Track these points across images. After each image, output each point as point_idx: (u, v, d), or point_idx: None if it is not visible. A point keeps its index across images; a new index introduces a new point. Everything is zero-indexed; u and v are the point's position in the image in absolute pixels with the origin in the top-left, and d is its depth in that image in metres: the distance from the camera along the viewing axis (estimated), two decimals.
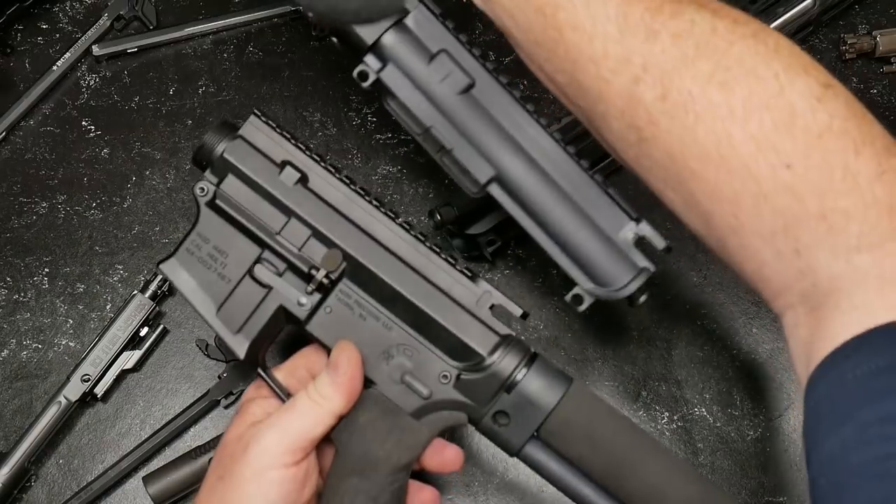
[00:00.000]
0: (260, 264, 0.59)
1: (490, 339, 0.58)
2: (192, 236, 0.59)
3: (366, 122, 0.79)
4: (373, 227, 0.59)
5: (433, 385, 0.58)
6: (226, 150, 0.59)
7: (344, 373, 0.56)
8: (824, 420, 0.45)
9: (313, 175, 0.59)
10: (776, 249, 0.50)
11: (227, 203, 0.59)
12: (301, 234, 0.58)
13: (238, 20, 0.81)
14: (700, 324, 0.75)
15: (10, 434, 0.72)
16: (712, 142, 0.50)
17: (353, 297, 0.59)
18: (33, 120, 0.79)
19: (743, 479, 0.72)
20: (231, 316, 0.59)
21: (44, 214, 0.77)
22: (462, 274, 0.59)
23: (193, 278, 0.59)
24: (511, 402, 0.57)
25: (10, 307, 0.75)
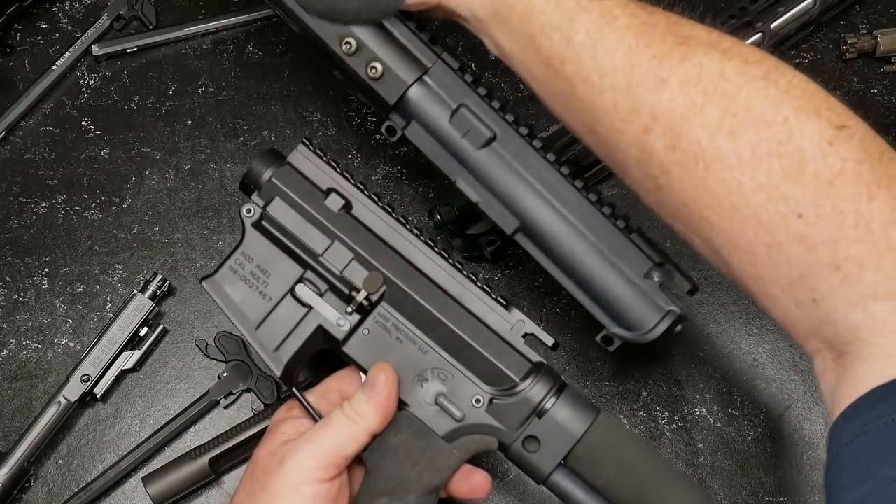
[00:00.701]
0: (302, 284, 0.60)
1: (523, 366, 0.60)
2: (237, 255, 0.61)
3: (366, 122, 0.79)
4: (412, 254, 0.61)
5: (466, 408, 0.59)
6: (274, 174, 0.61)
7: (381, 391, 0.57)
8: (845, 472, 0.45)
9: (357, 203, 0.61)
10: (795, 298, 0.49)
11: (272, 224, 0.60)
12: (344, 256, 0.60)
13: (238, 20, 0.81)
14: (700, 323, 0.75)
15: (9, 434, 0.72)
16: (723, 192, 0.50)
17: (391, 320, 0.60)
18: (33, 120, 0.79)
19: (743, 480, 0.72)
20: (270, 334, 0.60)
21: (43, 214, 0.77)
22: (497, 302, 0.61)
23: (235, 296, 0.60)
24: (541, 427, 0.59)
25: (10, 307, 0.75)
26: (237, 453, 0.70)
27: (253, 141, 0.78)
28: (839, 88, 0.80)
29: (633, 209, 0.77)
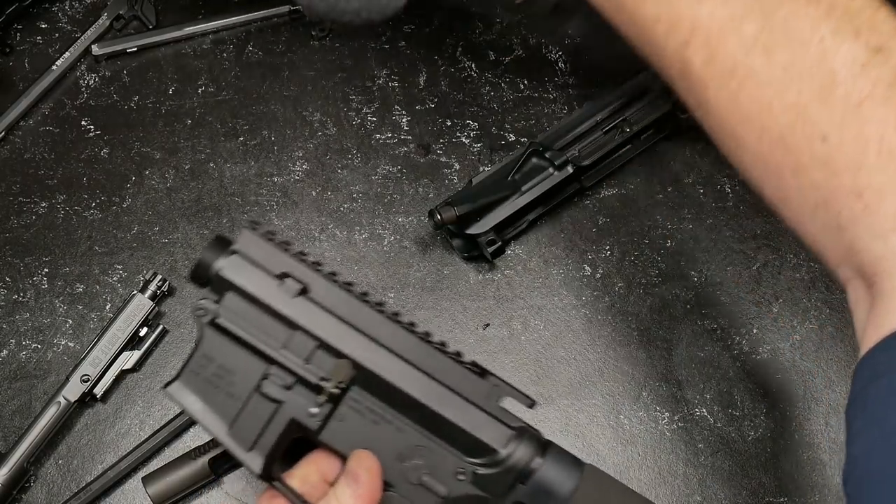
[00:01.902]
0: (268, 380, 0.58)
1: (503, 433, 0.57)
2: (196, 357, 0.58)
3: (366, 122, 0.79)
4: (378, 332, 0.58)
5: (450, 483, 0.58)
6: (223, 268, 0.58)
7: (364, 484, 0.55)
8: (860, 415, 0.45)
9: (314, 284, 0.58)
10: (821, 224, 0.49)
11: (229, 321, 0.58)
12: (307, 346, 0.58)
13: (238, 20, 0.81)
14: (700, 324, 0.75)
15: (9, 434, 0.72)
16: (755, 110, 0.49)
17: (365, 403, 0.58)
18: (32, 120, 0.79)
19: (743, 480, 0.72)
20: (243, 433, 0.58)
21: (43, 214, 0.76)
22: (470, 371, 0.58)
23: (201, 399, 0.58)
24: (528, 492, 0.57)
25: (10, 307, 0.74)
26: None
27: (253, 141, 0.78)
28: None
29: (631, 206, 0.77)
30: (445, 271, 0.76)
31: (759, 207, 0.78)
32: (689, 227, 0.77)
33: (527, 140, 0.77)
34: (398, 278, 0.75)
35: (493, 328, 0.75)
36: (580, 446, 0.73)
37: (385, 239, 0.76)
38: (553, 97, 0.80)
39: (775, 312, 0.76)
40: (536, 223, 0.77)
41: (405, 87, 0.80)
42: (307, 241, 0.76)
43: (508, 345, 0.74)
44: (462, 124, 0.79)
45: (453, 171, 0.78)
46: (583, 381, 0.74)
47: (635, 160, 0.78)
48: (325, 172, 0.78)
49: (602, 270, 0.76)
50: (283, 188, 0.77)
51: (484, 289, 0.75)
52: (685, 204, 0.78)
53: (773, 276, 0.76)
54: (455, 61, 0.80)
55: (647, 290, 0.76)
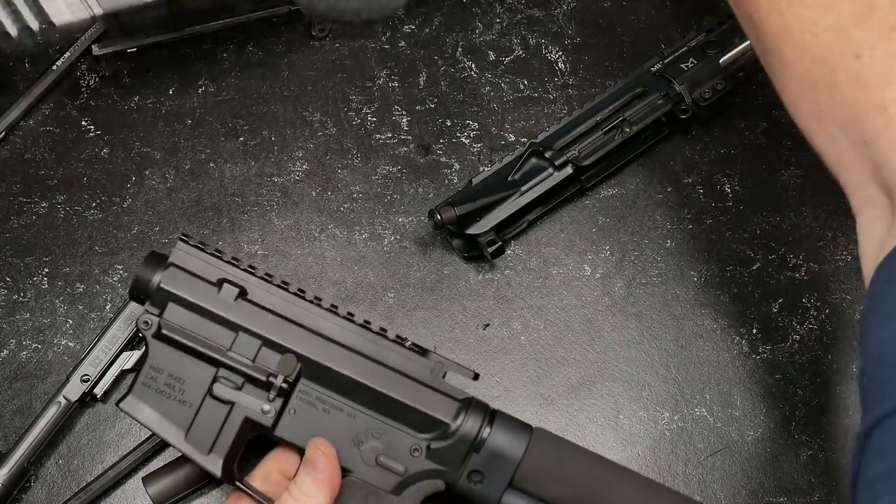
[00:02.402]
0: (218, 383, 0.60)
1: (451, 406, 0.61)
2: (145, 370, 0.60)
3: (366, 122, 0.79)
4: (319, 324, 0.61)
5: (406, 460, 0.60)
6: (161, 280, 0.60)
7: (322, 468, 0.58)
8: (874, 315, 0.48)
9: (251, 287, 0.61)
10: (850, 139, 0.52)
11: (172, 331, 0.60)
12: (252, 345, 0.60)
13: (238, 20, 0.81)
14: (700, 324, 0.75)
15: (9, 434, 0.72)
16: (798, 29, 0.53)
17: (314, 393, 0.61)
18: (33, 120, 0.79)
19: (743, 480, 0.72)
20: (200, 438, 0.60)
21: (43, 214, 0.76)
22: (412, 350, 0.61)
23: (155, 410, 0.60)
24: (482, 460, 0.60)
25: (10, 307, 0.74)
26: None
27: (253, 141, 0.78)
28: None
29: (631, 206, 0.77)
30: (445, 271, 0.76)
31: (759, 207, 0.78)
32: (689, 227, 0.77)
33: (527, 140, 0.77)
34: (398, 278, 0.75)
35: (493, 328, 0.75)
36: None
37: (385, 239, 0.76)
38: (553, 97, 0.80)
39: (775, 312, 0.76)
40: (536, 223, 0.77)
41: (405, 87, 0.80)
42: (307, 241, 0.76)
43: (508, 345, 0.74)
44: (462, 124, 0.79)
45: (453, 171, 0.78)
46: (583, 381, 0.74)
47: (635, 160, 0.78)
48: (325, 172, 0.78)
49: (602, 270, 0.76)
50: (283, 188, 0.77)
51: (484, 289, 0.76)
52: (685, 204, 0.78)
53: (773, 276, 0.76)
54: (455, 61, 0.81)
55: (647, 290, 0.76)
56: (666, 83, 0.76)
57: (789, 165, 0.79)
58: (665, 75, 0.77)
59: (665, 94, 0.76)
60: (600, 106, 0.76)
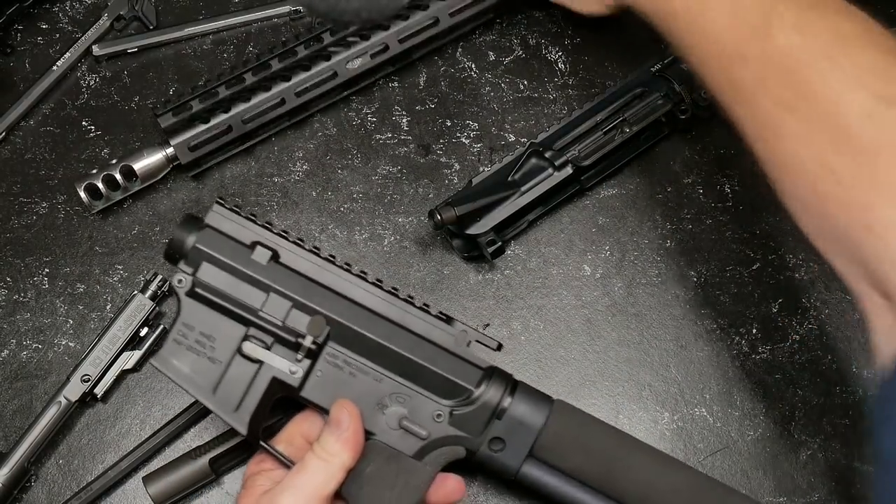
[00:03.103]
0: (248, 341, 0.61)
1: (474, 374, 0.62)
2: (178, 326, 0.61)
3: (366, 122, 0.79)
4: (348, 290, 0.62)
5: (429, 425, 0.61)
6: (196, 240, 0.61)
7: (347, 428, 0.59)
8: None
9: (283, 250, 0.62)
10: (845, 253, 0.54)
11: (206, 289, 0.61)
12: (282, 306, 0.61)
13: (238, 20, 0.81)
14: (700, 324, 0.75)
15: (10, 434, 0.72)
16: (789, 161, 0.56)
17: (341, 357, 0.62)
18: (33, 120, 0.79)
19: (743, 480, 0.72)
20: (227, 396, 0.61)
21: (44, 214, 0.77)
22: (438, 318, 0.62)
23: (185, 366, 0.61)
24: (503, 427, 0.61)
25: (10, 307, 0.75)
26: (237, 453, 0.70)
27: (253, 141, 0.78)
28: None
29: (631, 206, 0.77)
30: (445, 271, 0.76)
31: (759, 207, 0.78)
32: (688, 227, 0.77)
33: (526, 140, 0.77)
34: (398, 278, 0.76)
35: (493, 328, 0.75)
36: None
37: (385, 239, 0.76)
38: (553, 97, 0.80)
39: (775, 312, 0.76)
40: (536, 223, 0.77)
41: (405, 87, 0.80)
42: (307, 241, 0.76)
43: (508, 345, 0.74)
44: (462, 124, 0.79)
45: (453, 171, 0.78)
46: (583, 381, 0.74)
47: (635, 160, 0.78)
48: (325, 173, 0.78)
49: (602, 270, 0.76)
50: (284, 188, 0.77)
51: (484, 289, 0.76)
52: (685, 204, 0.78)
53: (773, 276, 0.76)
54: (455, 61, 0.81)
55: (647, 290, 0.76)
56: (666, 83, 0.76)
57: None
58: (664, 75, 0.76)
59: (665, 95, 0.76)
60: (600, 106, 0.76)
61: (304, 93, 0.74)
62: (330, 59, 0.75)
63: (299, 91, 0.74)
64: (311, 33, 0.76)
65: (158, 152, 0.74)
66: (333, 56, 0.75)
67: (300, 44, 0.75)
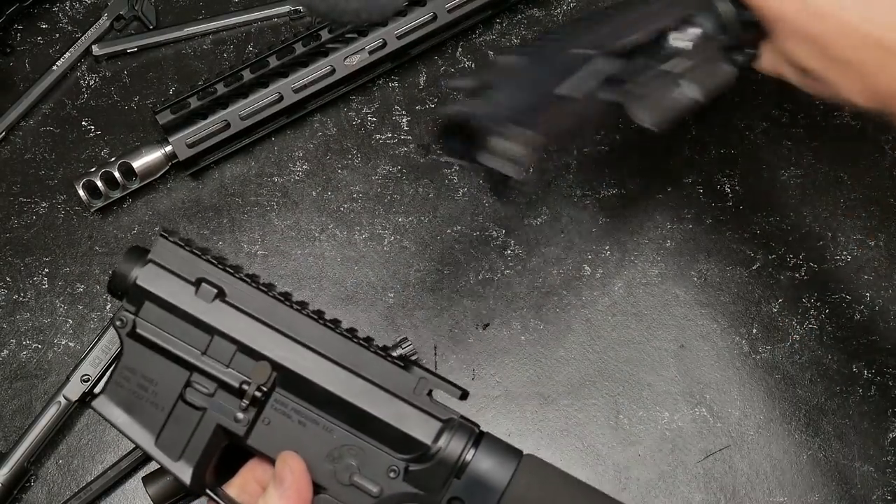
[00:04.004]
0: (190, 387, 0.58)
1: (432, 427, 0.57)
2: (119, 369, 0.58)
3: (366, 122, 0.79)
4: (298, 331, 0.58)
5: (383, 481, 0.57)
6: (138, 277, 0.58)
7: (290, 486, 0.55)
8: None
9: (230, 288, 0.58)
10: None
11: (147, 331, 0.58)
12: (227, 350, 0.58)
13: (238, 20, 0.81)
14: (700, 324, 0.75)
15: (9, 434, 0.72)
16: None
17: (290, 404, 0.58)
18: (33, 120, 0.79)
19: (742, 480, 0.72)
20: (170, 443, 0.58)
21: (44, 214, 0.77)
22: (394, 364, 0.58)
23: (126, 412, 0.58)
24: (463, 486, 0.56)
25: (10, 307, 0.75)
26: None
27: (253, 140, 0.78)
28: None
29: (631, 206, 0.77)
30: (445, 271, 0.76)
31: (759, 207, 0.78)
32: (688, 227, 0.77)
33: None
34: (398, 278, 0.75)
35: (493, 328, 0.75)
36: (580, 446, 0.73)
37: (385, 239, 0.76)
38: None
39: (775, 312, 0.76)
40: (536, 224, 0.77)
41: (405, 87, 0.80)
42: (307, 241, 0.76)
43: (508, 345, 0.74)
44: None
45: (453, 170, 0.78)
46: (583, 381, 0.74)
47: (635, 160, 0.78)
48: (325, 172, 0.78)
49: (602, 270, 0.76)
50: (283, 188, 0.77)
51: (484, 289, 0.76)
52: (685, 204, 0.78)
53: (773, 276, 0.76)
54: (455, 61, 0.80)
55: (647, 290, 0.76)
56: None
57: (789, 165, 0.79)
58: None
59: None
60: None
61: (301, 89, 0.74)
62: (328, 55, 0.75)
63: (297, 87, 0.74)
64: (308, 31, 0.76)
65: (157, 150, 0.74)
66: (331, 53, 0.75)
67: (298, 41, 0.75)
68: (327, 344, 0.58)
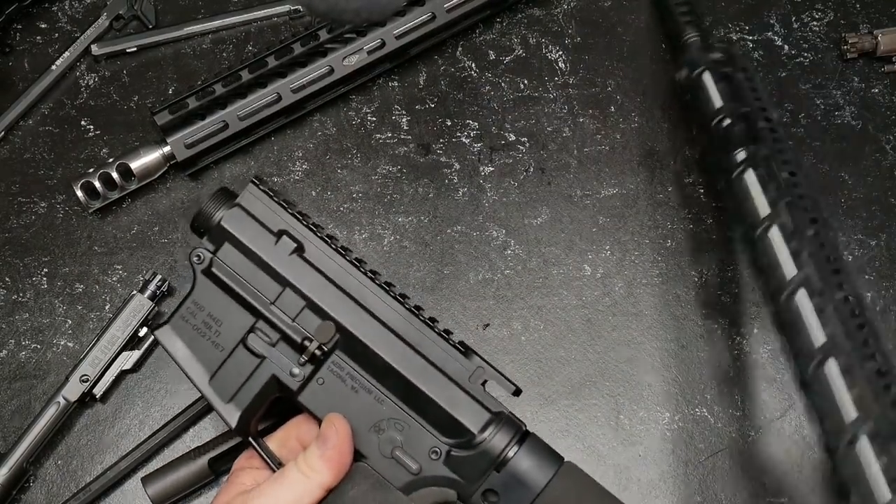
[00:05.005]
0: (254, 333, 0.59)
1: (481, 416, 0.58)
2: (188, 303, 0.59)
3: (366, 121, 0.79)
4: (367, 299, 0.59)
5: (423, 460, 0.58)
6: (223, 218, 0.59)
7: (333, 446, 0.56)
8: None
9: (309, 245, 0.59)
10: None
11: (222, 271, 0.59)
12: (295, 304, 0.59)
13: (237, 20, 0.81)
14: (700, 324, 0.75)
15: (8, 435, 0.72)
16: None
17: (346, 369, 0.59)
18: (32, 119, 0.79)
19: (743, 480, 0.72)
20: (223, 385, 0.58)
21: (43, 214, 0.76)
22: (456, 349, 0.59)
23: (187, 346, 0.59)
24: (501, 480, 0.57)
25: (9, 307, 0.74)
26: (236, 454, 0.70)
27: (252, 140, 0.78)
28: (839, 88, 0.80)
29: (631, 206, 0.77)
30: (445, 271, 0.76)
31: None
32: (689, 227, 0.77)
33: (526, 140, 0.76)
34: (398, 278, 0.75)
35: (493, 328, 0.75)
36: (580, 446, 0.72)
37: (385, 239, 0.76)
38: (553, 97, 0.80)
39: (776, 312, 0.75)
40: (535, 222, 0.76)
41: (405, 87, 0.80)
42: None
43: (508, 345, 0.74)
44: (462, 124, 0.79)
45: (453, 171, 0.78)
46: (583, 381, 0.74)
47: (635, 160, 0.78)
48: (325, 172, 0.78)
49: (602, 270, 0.76)
50: (283, 188, 0.77)
51: (484, 289, 0.75)
52: (686, 203, 0.78)
53: None
54: (455, 61, 0.80)
55: (647, 290, 0.76)
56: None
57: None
58: None
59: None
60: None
61: (300, 89, 0.74)
62: (326, 55, 0.74)
63: (295, 88, 0.74)
64: (307, 31, 0.76)
65: (155, 150, 0.74)
66: (330, 53, 0.75)
67: (296, 41, 0.75)
68: (394, 316, 0.59)
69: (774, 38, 0.81)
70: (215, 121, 0.73)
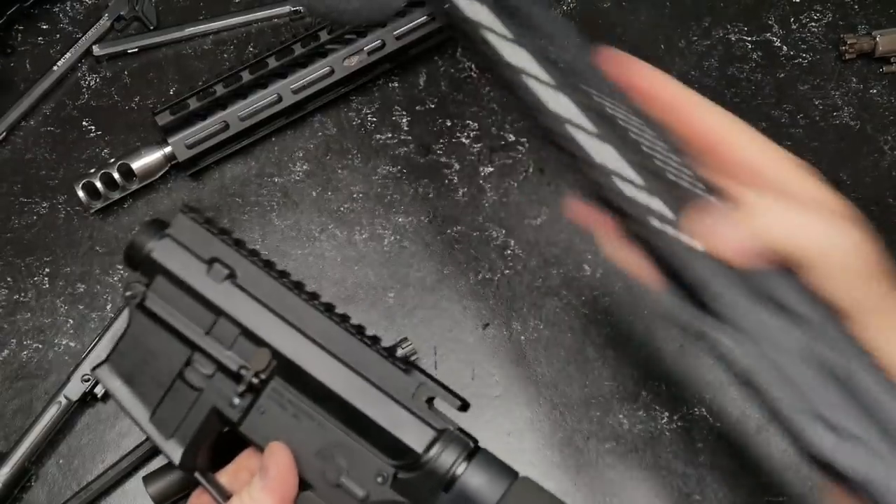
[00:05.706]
0: (191, 366, 0.57)
1: (426, 435, 0.55)
2: (125, 339, 0.58)
3: (366, 122, 0.79)
4: (304, 323, 0.57)
5: (370, 486, 0.55)
6: (153, 249, 0.58)
7: (273, 476, 0.54)
8: None
9: (241, 270, 0.58)
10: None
11: (156, 305, 0.57)
12: (230, 333, 0.57)
13: (238, 20, 0.81)
14: None
15: (10, 434, 0.72)
16: None
17: (287, 395, 0.57)
18: (34, 120, 0.79)
19: (743, 479, 0.72)
20: (164, 421, 0.57)
21: (44, 214, 0.77)
22: (396, 367, 0.57)
23: (126, 384, 0.58)
24: (450, 500, 0.54)
25: (11, 307, 0.75)
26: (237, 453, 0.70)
27: (253, 141, 0.78)
28: (838, 89, 0.80)
29: None
30: (445, 271, 0.76)
31: None
32: None
33: None
34: (398, 278, 0.76)
35: (493, 328, 0.75)
36: (581, 447, 0.73)
37: (385, 239, 0.77)
38: None
39: None
40: (536, 223, 0.77)
41: (405, 87, 0.80)
42: (307, 241, 0.76)
43: (508, 345, 0.74)
44: (462, 124, 0.79)
45: (453, 171, 0.78)
46: (583, 382, 0.74)
47: None
48: (326, 172, 0.78)
49: (602, 270, 0.76)
50: (284, 188, 0.77)
51: (484, 289, 0.76)
52: None
53: None
54: (455, 61, 0.81)
55: (647, 289, 0.76)
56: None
57: None
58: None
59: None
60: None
61: (300, 90, 0.75)
62: (326, 56, 0.75)
63: (296, 88, 0.74)
64: (308, 32, 0.76)
65: (156, 151, 0.74)
66: (330, 53, 0.75)
67: (297, 41, 0.75)
68: (332, 338, 0.57)
69: (773, 38, 0.81)
70: (216, 121, 0.73)
